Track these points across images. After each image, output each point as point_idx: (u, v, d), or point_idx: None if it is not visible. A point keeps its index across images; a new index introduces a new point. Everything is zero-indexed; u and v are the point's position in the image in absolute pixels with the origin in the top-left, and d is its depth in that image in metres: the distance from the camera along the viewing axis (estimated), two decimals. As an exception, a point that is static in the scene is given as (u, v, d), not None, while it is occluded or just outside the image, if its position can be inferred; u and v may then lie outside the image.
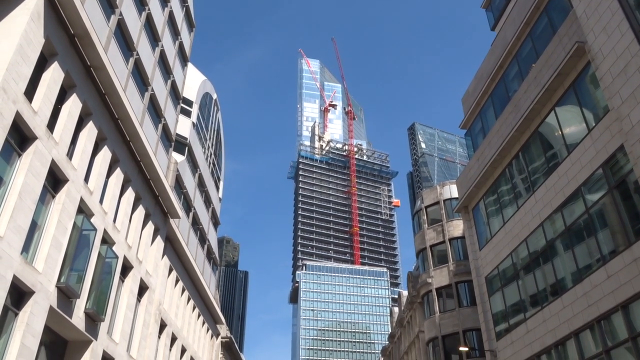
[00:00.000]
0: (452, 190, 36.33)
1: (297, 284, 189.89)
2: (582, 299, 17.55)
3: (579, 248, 18.37)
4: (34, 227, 15.99)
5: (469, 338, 31.72)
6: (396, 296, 62.76)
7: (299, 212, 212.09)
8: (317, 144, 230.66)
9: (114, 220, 21.63)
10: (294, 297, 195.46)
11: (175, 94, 30.31)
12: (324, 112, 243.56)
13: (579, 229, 18.38)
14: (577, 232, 18.52)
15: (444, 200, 36.91)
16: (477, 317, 27.27)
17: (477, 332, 29.19)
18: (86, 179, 19.20)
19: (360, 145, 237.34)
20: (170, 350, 30.03)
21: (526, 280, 21.79)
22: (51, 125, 16.74)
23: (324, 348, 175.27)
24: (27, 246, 15.59)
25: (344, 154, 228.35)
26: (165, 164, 28.73)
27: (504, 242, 23.60)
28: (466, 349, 29.13)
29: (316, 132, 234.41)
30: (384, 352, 52.78)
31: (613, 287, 16.06)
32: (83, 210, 18.75)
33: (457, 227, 34.95)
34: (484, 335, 25.15)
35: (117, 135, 21.64)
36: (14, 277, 14.48)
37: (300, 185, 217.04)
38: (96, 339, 19.47)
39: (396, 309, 51.27)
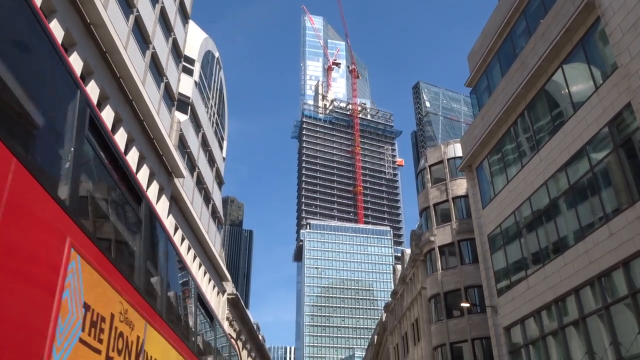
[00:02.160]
0: (456, 149, 36.23)
1: (301, 243, 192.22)
2: (584, 256, 17.72)
3: (582, 206, 18.43)
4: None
5: (471, 294, 32.24)
6: (399, 254, 63.59)
7: (303, 172, 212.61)
8: (320, 103, 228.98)
9: (119, 180, 21.74)
10: (298, 256, 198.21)
11: (176, 52, 29.91)
12: (327, 70, 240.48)
13: (583, 188, 18.40)
14: (580, 191, 18.54)
15: (448, 159, 36.86)
16: (478, 275, 27.65)
17: (479, 288, 29.64)
18: (90, 138, 19.19)
19: (364, 104, 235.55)
20: (177, 306, 30.70)
21: (528, 238, 21.97)
22: (53, 84, 16.62)
23: (328, 305, 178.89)
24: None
25: (348, 113, 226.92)
26: (169, 124, 28.65)
27: (507, 201, 23.68)
28: (467, 304, 29.68)
29: (320, 91, 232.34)
30: (387, 308, 53.83)
31: (615, 245, 16.20)
32: (88, 169, 18.82)
33: (460, 186, 35.02)
34: (485, 291, 25.55)
35: (120, 94, 21.50)
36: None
37: (304, 145, 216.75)
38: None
39: (399, 267, 51.97)
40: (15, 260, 3.08)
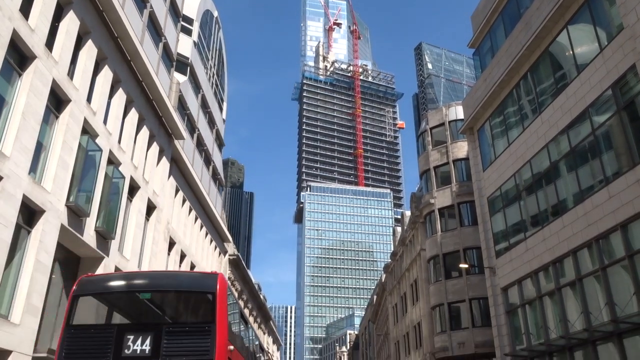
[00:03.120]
0: (457, 112, 35.98)
1: (301, 205, 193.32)
2: (582, 218, 17.84)
3: (582, 169, 18.44)
4: (40, 148, 16.09)
5: (469, 256, 32.61)
6: (399, 217, 63.99)
7: (304, 134, 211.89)
8: (321, 65, 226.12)
9: (119, 141, 21.69)
10: (299, 218, 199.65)
11: (174, 11, 29.37)
12: (328, 31, 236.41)
13: (584, 151, 18.36)
14: (581, 154, 18.51)
15: (449, 122, 36.66)
16: (477, 237, 27.90)
17: (477, 250, 29.95)
18: (89, 99, 19.06)
19: (366, 66, 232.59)
20: (179, 266, 31.10)
21: (528, 200, 22.06)
22: (50, 44, 16.39)
23: (328, 265, 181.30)
24: (35, 166, 15.76)
25: (349, 75, 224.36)
26: (168, 85, 28.39)
27: (508, 164, 23.68)
28: (466, 266, 30.03)
29: (320, 53, 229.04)
30: (386, 269, 54.54)
31: (614, 207, 16.28)
32: (87, 130, 18.76)
33: (461, 149, 34.95)
34: (484, 253, 25.84)
35: (118, 54, 21.22)
36: (24, 196, 14.76)
37: (304, 107, 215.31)
38: (108, 256, 20.13)
39: (399, 229, 52.38)
40: None
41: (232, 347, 8.94)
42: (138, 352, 8.07)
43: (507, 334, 23.04)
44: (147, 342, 8.13)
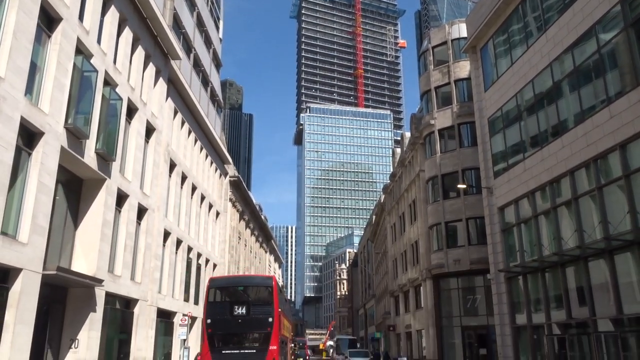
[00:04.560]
0: (461, 30, 34.98)
1: (301, 127, 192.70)
2: (582, 139, 17.85)
3: (585, 89, 18.21)
4: (34, 69, 15.81)
5: (468, 176, 32.95)
6: (399, 138, 63.97)
7: (302, 54, 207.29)
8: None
9: (114, 62, 21.27)
10: (299, 139, 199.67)
11: None
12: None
13: (588, 70, 18.05)
14: (585, 73, 18.21)
15: (452, 40, 35.75)
16: (476, 157, 28.04)
17: (476, 171, 30.21)
18: (80, 17, 18.47)
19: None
20: (181, 188, 31.50)
21: (528, 121, 21.97)
22: (36, -42, 15.65)
23: (327, 187, 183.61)
24: (30, 88, 15.56)
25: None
26: (162, 2, 27.43)
27: (510, 83, 23.35)
28: (464, 186, 30.43)
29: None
30: (385, 189, 55.26)
31: (614, 127, 16.25)
32: (81, 50, 18.34)
33: (463, 68, 34.34)
34: (482, 173, 26.08)
35: (108, -31, 20.32)
36: (22, 118, 14.69)
37: (303, 26, 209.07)
38: (109, 177, 20.34)
39: (398, 150, 52.51)
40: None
41: (280, 310, 17.08)
42: (239, 314, 16.46)
43: (501, 251, 23.75)
44: (243, 309, 16.62)
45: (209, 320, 16.61)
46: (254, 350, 15.81)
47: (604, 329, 16.84)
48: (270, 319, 16.28)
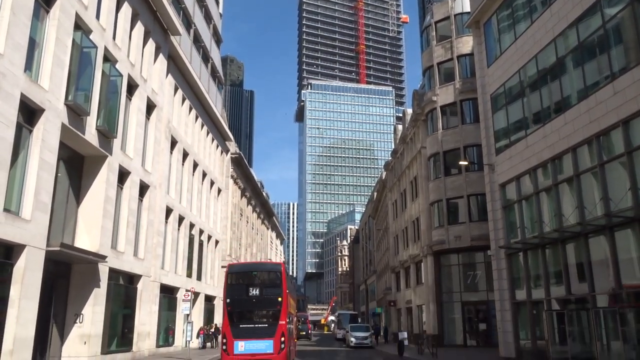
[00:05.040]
0: (464, 4, 34.51)
1: (302, 103, 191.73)
2: (585, 115, 17.75)
3: (589, 65, 18.03)
4: (33, 45, 15.68)
5: (469, 153, 32.88)
6: (400, 114, 63.68)
7: (304, 30, 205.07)
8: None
9: (114, 38, 21.09)
10: (300, 116, 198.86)
11: None
12: None
13: (592, 45, 17.84)
14: (589, 48, 18.01)
15: (455, 15, 35.32)
16: (478, 134, 27.92)
17: (478, 147, 30.13)
18: (79, -8, 18.25)
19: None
20: (182, 165, 31.52)
21: (531, 97, 21.82)
22: None
23: (329, 163, 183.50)
24: (30, 64, 15.47)
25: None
26: (161, -24, 27.04)
27: (513, 59, 23.13)
28: (466, 163, 30.40)
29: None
30: (387, 166, 55.23)
31: (617, 104, 16.13)
32: (80, 26, 18.17)
33: (466, 44, 33.99)
34: (484, 150, 26.01)
35: (106, -58, 20.00)
36: (22, 95, 14.63)
37: (304, 0, 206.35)
38: (111, 154, 20.33)
39: (400, 127, 52.30)
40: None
41: (287, 291, 19.82)
42: (254, 294, 19.09)
43: (502, 227, 23.82)
44: (257, 291, 19.23)
45: (228, 300, 19.26)
46: (266, 325, 18.97)
47: (603, 304, 16.99)
48: (280, 299, 19.15)
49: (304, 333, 56.18)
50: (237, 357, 18.61)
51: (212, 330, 34.09)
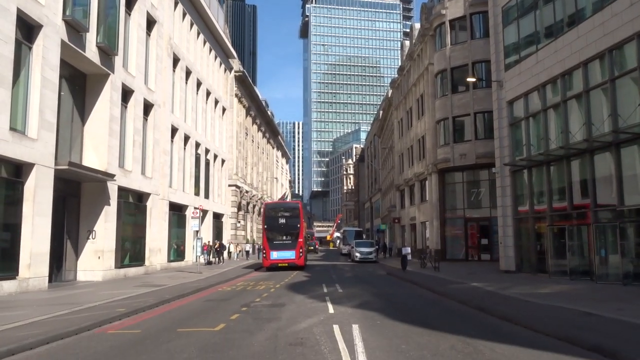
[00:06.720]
0: None
1: (307, 19, 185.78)
2: (599, 28, 17.17)
3: (607, -26, 17.19)
4: (26, -44, 15.04)
5: (478, 69, 32.19)
6: (408, 30, 61.69)
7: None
8: None
9: (109, -52, 20.15)
10: (304, 32, 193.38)
11: None
12: None
13: (612, -48, 16.91)
14: (608, -44, 17.09)
15: None
16: (487, 49, 27.17)
17: (486, 64, 29.43)
18: None
19: None
20: (186, 83, 31.12)
21: (544, 10, 21.01)
22: None
23: (334, 82, 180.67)
24: (24, -23, 14.91)
25: None
26: None
27: (528, -31, 22.05)
28: (474, 79, 29.82)
29: None
30: (393, 84, 54.31)
31: (633, 16, 15.55)
32: None
33: (478, -47, 32.26)
34: (493, 66, 25.44)
35: None
36: (18, 10, 14.24)
37: None
38: (113, 72, 20.06)
39: (407, 43, 50.83)
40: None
41: (304, 220, 30.32)
42: (281, 223, 29.37)
43: (508, 145, 23.79)
44: (284, 220, 29.36)
45: (266, 226, 29.36)
46: (290, 241, 28.92)
47: (604, 220, 17.29)
48: (298, 225, 29.46)
49: (312, 248, 63.04)
50: (273, 261, 28.52)
51: (217, 247, 34.37)
